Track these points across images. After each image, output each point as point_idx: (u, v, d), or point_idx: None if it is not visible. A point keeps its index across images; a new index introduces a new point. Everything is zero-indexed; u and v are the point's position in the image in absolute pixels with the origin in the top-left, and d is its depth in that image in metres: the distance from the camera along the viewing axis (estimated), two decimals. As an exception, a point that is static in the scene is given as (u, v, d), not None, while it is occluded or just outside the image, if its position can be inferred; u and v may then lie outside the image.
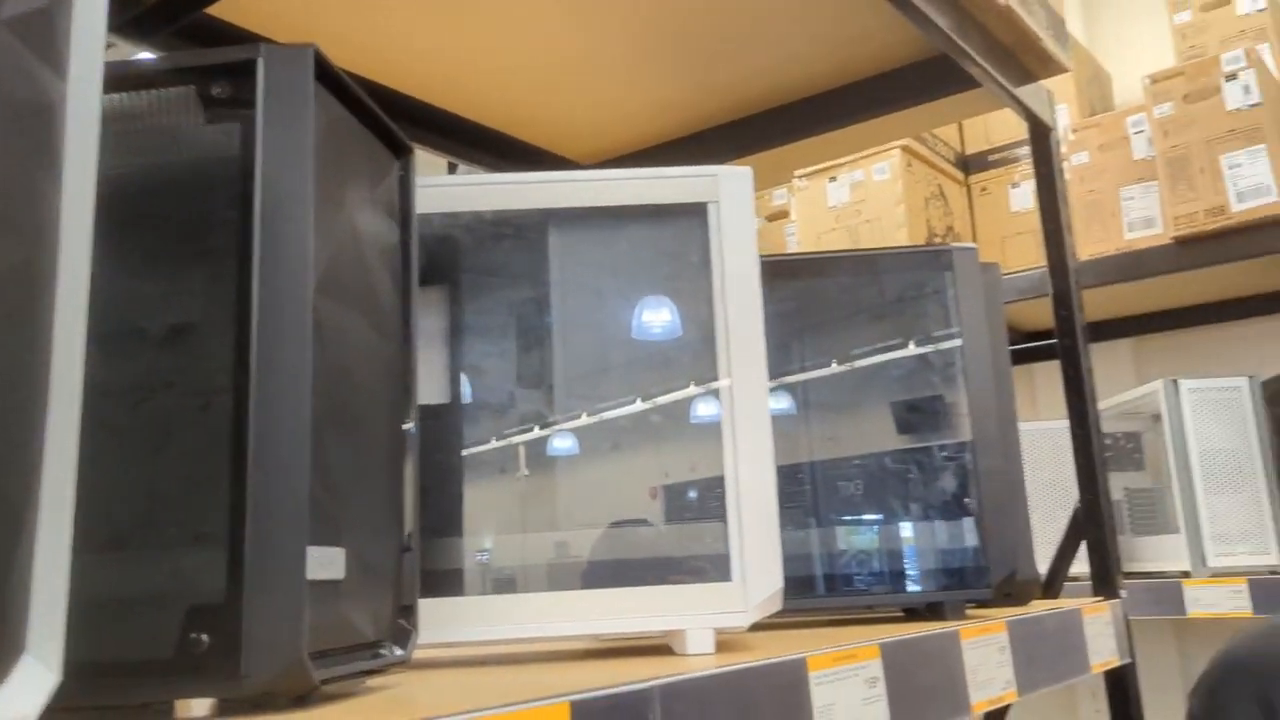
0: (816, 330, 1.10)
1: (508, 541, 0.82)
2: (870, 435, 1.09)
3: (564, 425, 0.84)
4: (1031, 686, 1.00)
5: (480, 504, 0.83)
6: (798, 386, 1.09)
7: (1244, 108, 2.06)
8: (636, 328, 0.85)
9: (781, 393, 1.08)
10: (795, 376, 1.09)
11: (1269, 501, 1.99)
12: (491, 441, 0.84)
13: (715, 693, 0.63)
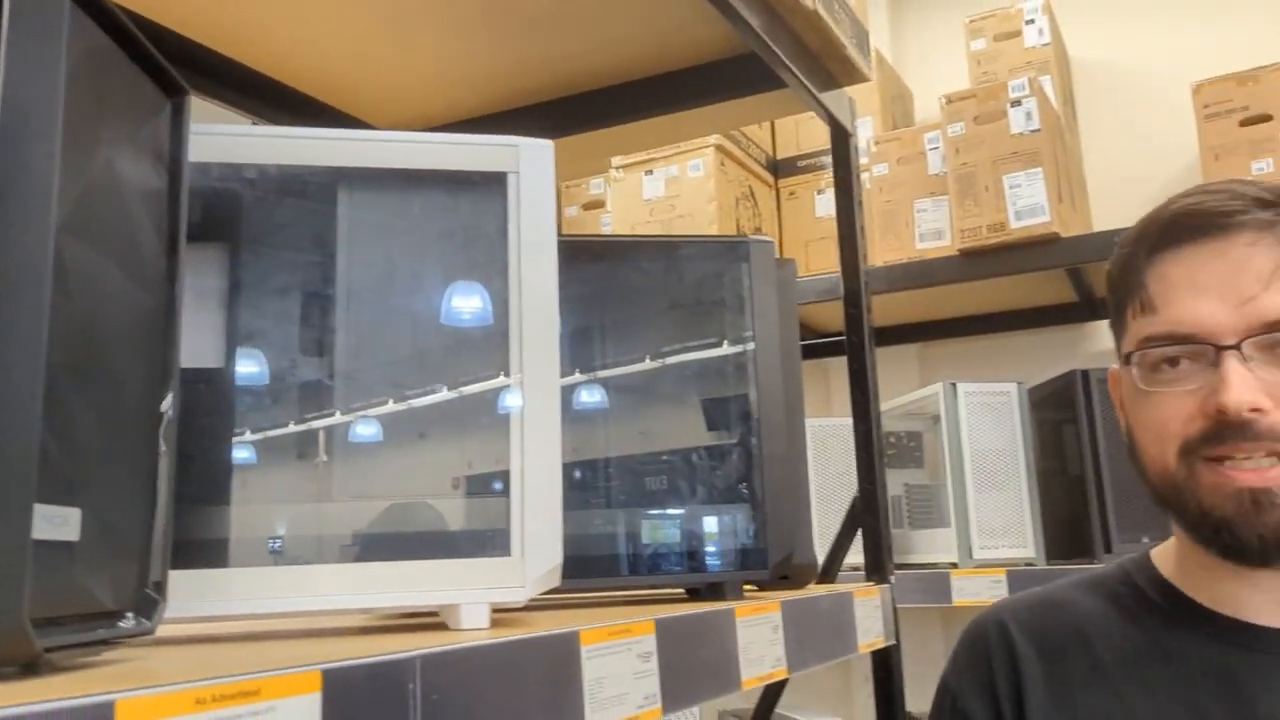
0: (611, 313, 1.11)
1: (278, 512, 0.78)
2: (658, 420, 1.10)
3: (343, 395, 0.81)
4: (802, 664, 1.04)
5: (251, 473, 0.79)
6: (589, 370, 1.10)
7: (1026, 132, 2.22)
8: (426, 297, 0.83)
9: (573, 375, 1.08)
10: (587, 359, 1.10)
11: (1029, 499, 2.16)
12: (266, 409, 0.80)
13: (482, 664, 0.62)
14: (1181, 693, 0.83)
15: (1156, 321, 0.83)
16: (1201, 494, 0.80)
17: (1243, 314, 0.78)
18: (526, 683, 0.65)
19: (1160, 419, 0.82)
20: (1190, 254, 0.82)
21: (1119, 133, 2.67)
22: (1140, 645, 0.87)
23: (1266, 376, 0.77)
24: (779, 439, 1.11)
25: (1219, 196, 0.82)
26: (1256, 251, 0.79)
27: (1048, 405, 2.29)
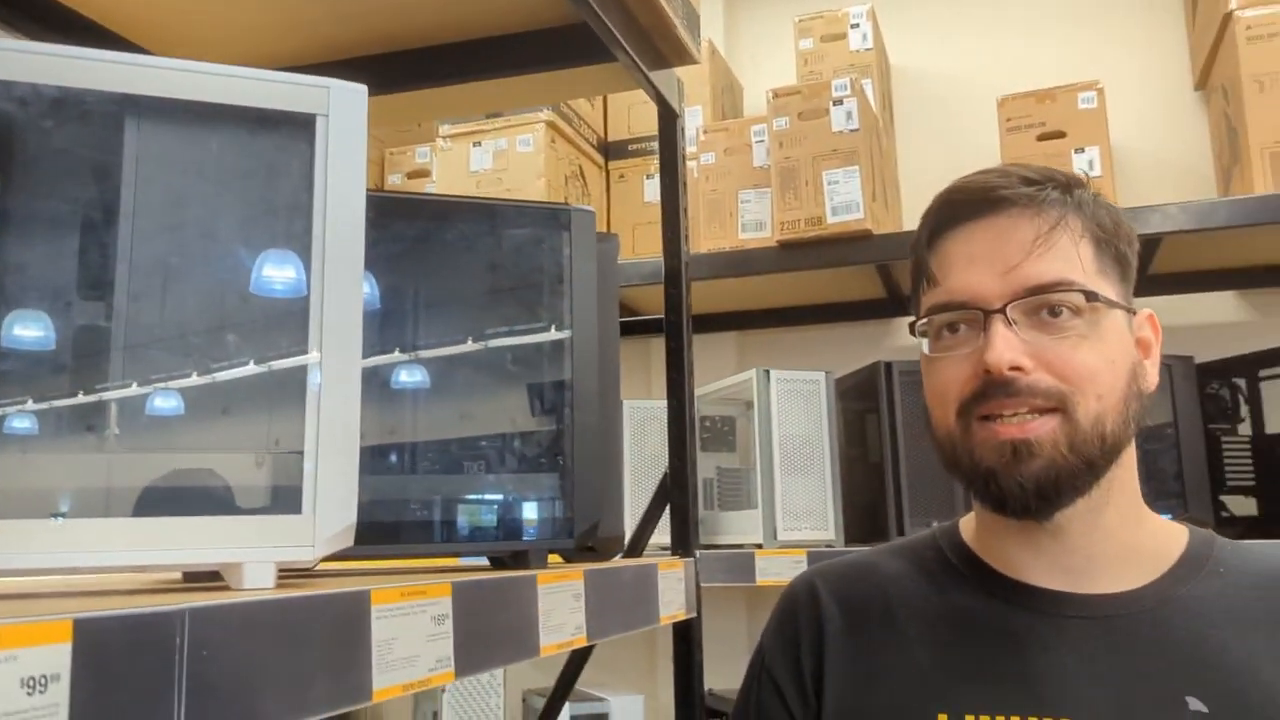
0: (423, 275, 1.08)
1: (48, 463, 0.72)
2: (469, 387, 1.08)
3: (124, 343, 0.75)
4: (603, 633, 1.05)
5: (19, 423, 0.72)
6: (397, 334, 1.06)
7: (846, 131, 2.31)
8: (221, 242, 0.78)
9: (381, 334, 1.05)
10: (396, 322, 1.06)
11: (831, 484, 2.25)
12: (34, 348, 0.74)
13: (259, 621, 0.59)
14: (969, 650, 0.88)
15: (938, 292, 0.89)
16: (974, 449, 0.85)
17: (1007, 280, 0.84)
18: (309, 642, 0.63)
19: (942, 382, 0.88)
20: (965, 230, 0.88)
21: (931, 139, 2.81)
22: (936, 606, 0.92)
23: (1029, 338, 0.83)
24: (591, 410, 1.11)
25: (989, 176, 0.89)
26: (1021, 223, 0.85)
27: (853, 395, 2.40)
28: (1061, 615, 0.86)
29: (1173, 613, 0.85)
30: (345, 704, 0.65)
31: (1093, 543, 0.87)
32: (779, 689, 0.97)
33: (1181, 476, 2.03)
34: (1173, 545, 0.90)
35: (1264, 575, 0.87)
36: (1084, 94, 2.41)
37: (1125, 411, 0.85)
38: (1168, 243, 2.19)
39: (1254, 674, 0.80)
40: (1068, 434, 0.82)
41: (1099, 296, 0.84)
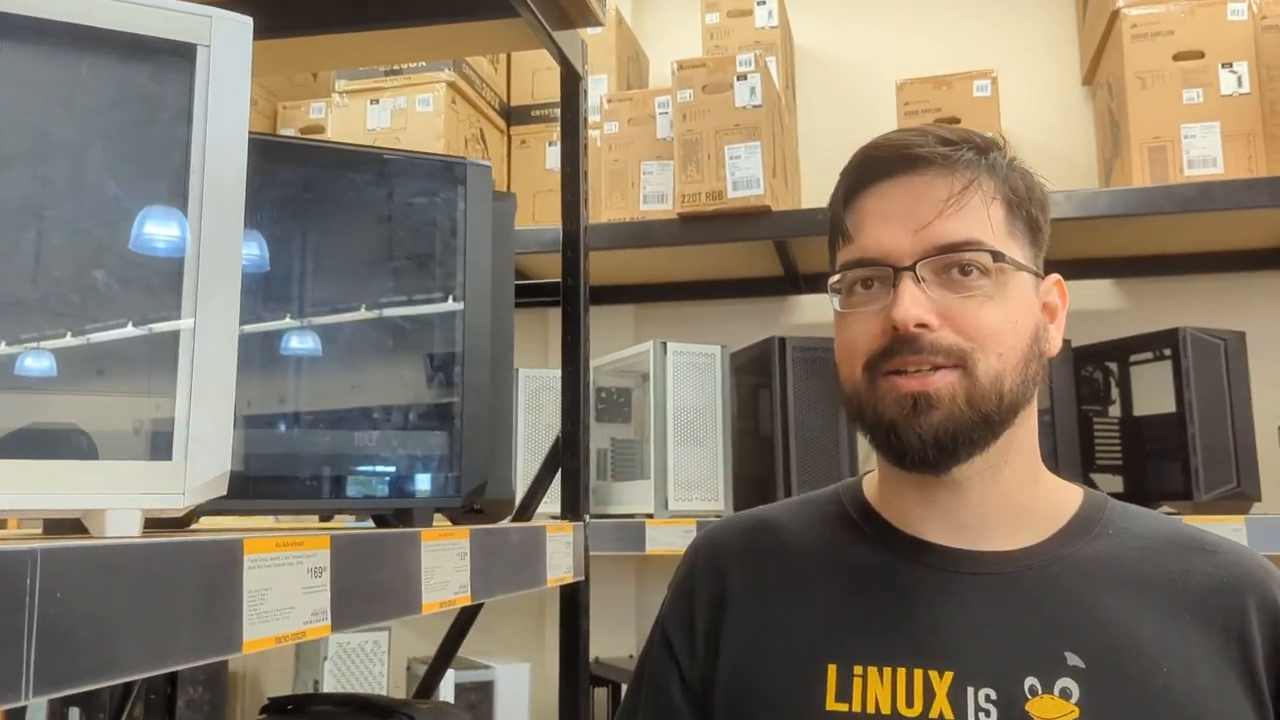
0: (309, 225, 1.04)
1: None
2: (356, 341, 1.06)
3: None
4: (488, 592, 1.04)
5: None
6: (282, 285, 1.03)
7: (748, 107, 2.32)
8: (90, 174, 0.74)
9: (265, 287, 1.01)
10: (281, 273, 1.03)
11: (723, 456, 2.27)
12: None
13: (120, 566, 0.56)
14: (862, 603, 0.89)
15: (852, 249, 0.89)
16: (877, 402, 0.86)
17: (919, 239, 0.85)
18: (174, 590, 0.60)
19: (851, 337, 0.89)
20: (880, 188, 0.89)
21: (832, 119, 2.85)
22: (832, 558, 0.94)
23: (936, 296, 0.85)
24: (482, 369, 1.09)
25: (907, 134, 0.90)
26: (935, 183, 0.86)
27: (747, 370, 2.42)
28: (952, 571, 0.88)
29: (1058, 571, 0.87)
30: (214, 654, 0.63)
31: (988, 500, 0.90)
32: (670, 646, 0.98)
33: (1055, 454, 2.12)
34: (1066, 506, 0.92)
35: (1148, 538, 0.90)
36: (979, 82, 2.47)
37: (1025, 371, 0.87)
38: (1052, 229, 2.26)
39: (1130, 631, 0.83)
40: (966, 389, 0.84)
41: (1006, 257, 0.86)
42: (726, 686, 0.92)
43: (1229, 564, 0.87)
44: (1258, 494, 2.00)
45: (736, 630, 0.93)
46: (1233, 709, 0.81)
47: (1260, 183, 2.10)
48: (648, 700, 0.98)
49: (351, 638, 2.25)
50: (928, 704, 0.83)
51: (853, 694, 0.85)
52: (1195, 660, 0.82)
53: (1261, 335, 2.21)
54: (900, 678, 0.84)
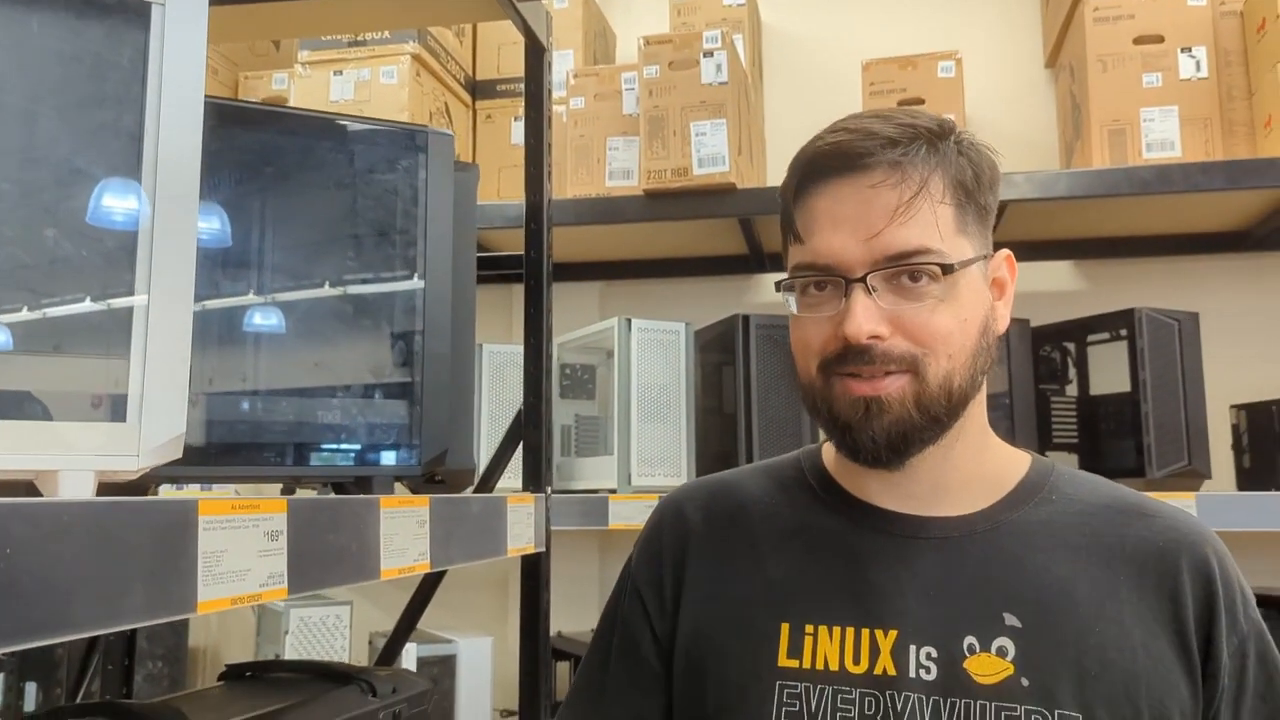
0: (268, 191, 1.03)
1: None
2: (316, 309, 1.05)
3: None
4: (447, 560, 1.04)
5: None
6: (242, 249, 1.02)
7: (715, 83, 2.32)
8: (42, 133, 0.73)
9: (225, 255, 1.00)
10: (240, 238, 1.02)
11: (686, 432, 2.28)
12: None
13: (73, 524, 0.56)
14: (815, 565, 0.93)
15: (804, 251, 0.91)
16: (832, 402, 0.89)
17: (869, 248, 0.86)
18: (128, 548, 0.60)
19: (806, 338, 0.91)
20: (830, 189, 0.89)
21: (797, 98, 2.86)
22: (790, 522, 0.97)
23: (888, 305, 0.86)
24: (443, 339, 1.09)
25: (855, 135, 0.89)
26: (885, 188, 0.87)
27: (712, 347, 2.43)
28: (901, 536, 0.92)
29: (1001, 536, 0.91)
30: (168, 613, 0.63)
31: (940, 474, 0.93)
32: (641, 598, 1.01)
33: (1013, 433, 2.15)
34: (1013, 473, 0.96)
35: (1091, 504, 0.94)
36: (944, 63, 2.48)
37: (973, 367, 0.90)
38: (1012, 210, 2.29)
39: (1066, 592, 0.87)
40: (915, 393, 0.87)
41: (955, 266, 0.87)
42: (686, 642, 0.95)
43: (1166, 528, 0.91)
44: (1208, 471, 2.05)
45: (697, 588, 0.97)
46: (1162, 665, 0.85)
47: (1216, 166, 2.13)
48: (621, 650, 1.01)
49: (313, 611, 2.24)
50: (873, 661, 0.86)
51: (803, 651, 0.88)
52: (1128, 619, 0.86)
53: (1214, 317, 2.25)
54: (849, 636, 0.88)
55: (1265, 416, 2.12)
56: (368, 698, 0.99)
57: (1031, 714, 0.82)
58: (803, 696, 0.87)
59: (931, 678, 0.85)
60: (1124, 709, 0.83)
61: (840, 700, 0.86)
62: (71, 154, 0.74)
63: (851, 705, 0.86)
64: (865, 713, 0.85)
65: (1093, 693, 0.83)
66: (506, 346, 2.51)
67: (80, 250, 0.72)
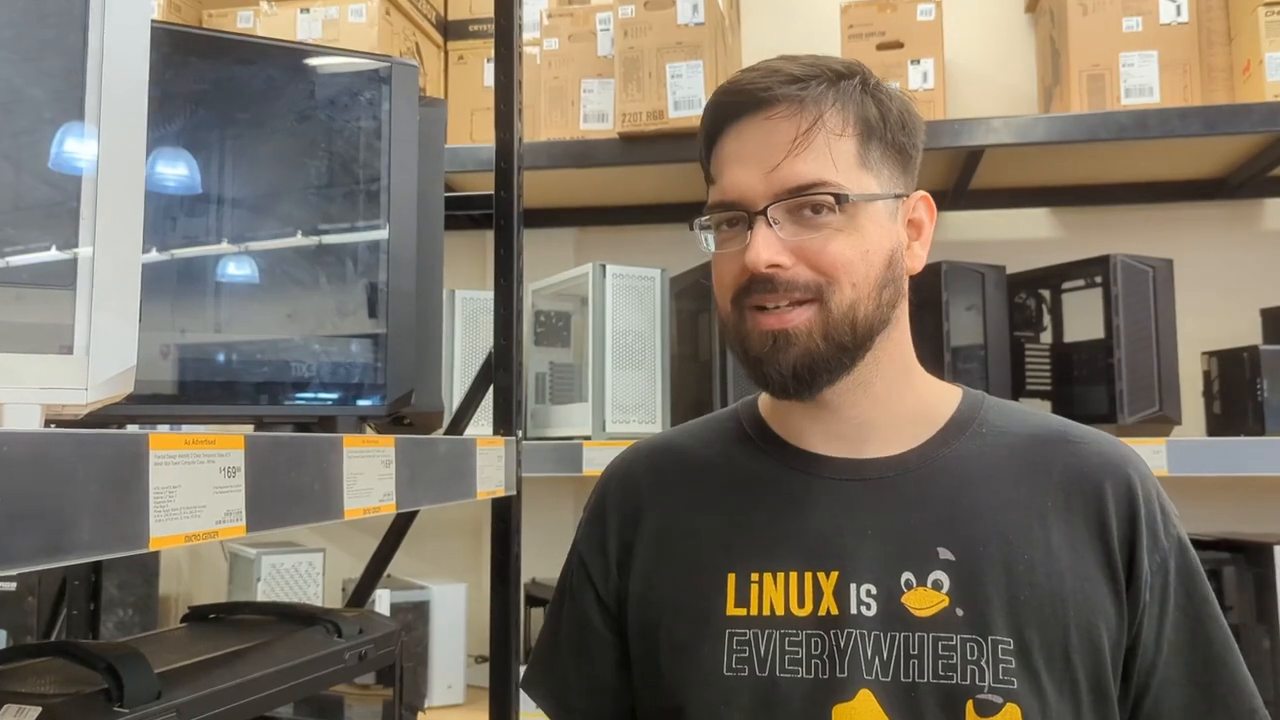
0: (224, 127, 1.00)
1: None
2: (278, 245, 1.02)
3: None
4: (414, 502, 1.03)
5: None
6: (199, 181, 0.99)
7: (691, 24, 2.28)
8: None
9: (178, 179, 0.97)
10: (204, 170, 0.99)
11: (661, 379, 2.27)
12: None
13: (14, 454, 0.54)
14: (756, 514, 0.95)
15: (715, 190, 0.94)
16: (745, 336, 0.92)
17: (769, 181, 0.89)
18: (73, 481, 0.58)
19: (720, 274, 0.94)
20: (737, 129, 0.92)
21: (776, 41, 2.81)
22: (730, 473, 0.99)
23: (788, 237, 0.89)
24: (408, 276, 1.07)
25: (756, 74, 0.92)
26: (782, 124, 0.89)
27: (687, 294, 2.42)
28: (836, 479, 0.94)
29: (934, 472, 0.93)
30: (117, 549, 0.61)
31: (863, 412, 0.95)
32: (585, 565, 1.03)
33: (987, 379, 2.15)
34: (943, 410, 0.98)
35: (1020, 435, 0.96)
36: (923, 6, 2.44)
37: (879, 297, 0.91)
38: (989, 156, 2.27)
39: (999, 523, 0.90)
40: (822, 322, 0.89)
41: (850, 198, 0.89)
42: (638, 600, 0.97)
43: (1091, 454, 0.94)
44: (1178, 417, 2.06)
45: (646, 547, 0.98)
46: (1089, 585, 0.88)
47: (1193, 112, 2.12)
48: (568, 619, 1.04)
49: (285, 558, 2.23)
50: (817, 603, 0.89)
51: (750, 599, 0.91)
52: (1056, 545, 0.89)
53: (1189, 264, 2.25)
54: (793, 581, 0.90)
55: (1236, 363, 2.13)
56: (333, 638, 0.98)
57: (967, 642, 0.85)
58: (751, 642, 0.89)
59: (872, 614, 0.87)
60: (1053, 629, 0.86)
61: (788, 643, 0.89)
62: (11, 78, 0.70)
63: (799, 646, 0.88)
64: (812, 652, 0.88)
65: (1023, 617, 0.86)
66: (480, 293, 2.48)
67: (23, 177, 0.69)
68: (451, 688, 2.36)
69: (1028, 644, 0.85)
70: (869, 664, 0.86)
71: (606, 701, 1.02)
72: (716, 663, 0.90)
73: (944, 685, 0.84)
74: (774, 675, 0.88)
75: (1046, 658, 0.85)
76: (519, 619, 1.43)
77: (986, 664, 0.84)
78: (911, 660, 0.85)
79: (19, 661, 0.85)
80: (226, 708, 0.80)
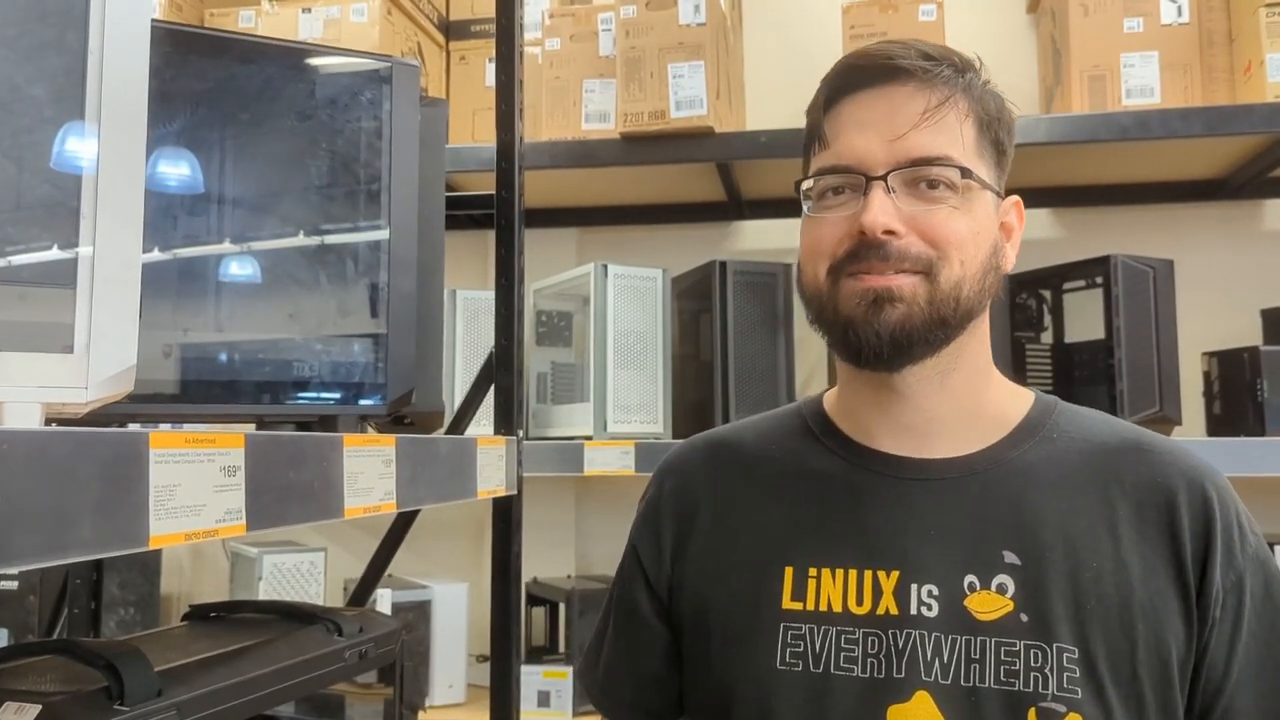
0: (224, 127, 1.00)
1: None
2: (280, 245, 1.02)
3: None
4: (415, 501, 1.03)
5: None
6: (201, 183, 0.99)
7: (693, 24, 2.28)
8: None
9: (180, 178, 0.98)
10: (204, 170, 0.99)
11: (663, 379, 2.27)
12: None
13: (14, 452, 0.54)
14: (817, 509, 0.94)
15: (827, 155, 0.92)
16: (838, 300, 0.89)
17: (892, 149, 0.88)
18: (74, 479, 0.58)
19: (817, 238, 0.91)
20: (860, 97, 0.91)
21: (777, 42, 2.82)
22: (792, 468, 0.98)
23: (905, 206, 0.88)
24: (409, 275, 1.07)
25: (891, 45, 0.91)
26: (914, 96, 0.89)
27: (689, 294, 2.42)
28: (901, 477, 0.92)
29: (1002, 475, 0.91)
30: (117, 547, 0.61)
31: (935, 405, 0.93)
32: (638, 555, 1.03)
33: (988, 379, 2.15)
34: (1014, 412, 0.95)
35: (1092, 441, 0.93)
36: (925, 7, 2.44)
37: (983, 281, 0.90)
38: (991, 157, 2.27)
39: (1066, 529, 0.88)
40: (928, 291, 0.87)
41: (974, 174, 0.88)
42: (691, 590, 0.97)
43: (1166, 464, 0.91)
44: (1178, 418, 2.06)
45: (702, 537, 0.98)
46: (1159, 600, 0.85)
47: (1194, 112, 2.12)
48: (619, 609, 1.04)
49: (287, 558, 2.24)
50: (876, 601, 0.88)
51: (807, 594, 0.90)
52: (1125, 554, 0.87)
53: (1189, 265, 2.25)
54: (851, 578, 0.89)
55: (1236, 364, 2.13)
56: (333, 637, 0.98)
57: (1030, 648, 0.84)
58: (806, 637, 0.88)
59: (933, 615, 0.86)
60: (1119, 641, 0.84)
61: (844, 640, 0.87)
62: (11, 77, 0.71)
63: (855, 644, 0.87)
64: (868, 651, 0.86)
65: (1089, 626, 0.84)
66: (482, 293, 2.48)
67: (23, 175, 0.70)
68: (452, 687, 2.36)
69: (1093, 654, 0.83)
70: (928, 666, 0.84)
71: (652, 693, 1.02)
72: (769, 656, 0.89)
73: (1007, 691, 0.83)
74: (828, 672, 0.87)
75: (1112, 669, 0.83)
76: (520, 618, 1.43)
77: (1050, 671, 0.83)
78: (973, 664, 0.84)
79: (19, 660, 0.85)
80: (226, 706, 0.80)
